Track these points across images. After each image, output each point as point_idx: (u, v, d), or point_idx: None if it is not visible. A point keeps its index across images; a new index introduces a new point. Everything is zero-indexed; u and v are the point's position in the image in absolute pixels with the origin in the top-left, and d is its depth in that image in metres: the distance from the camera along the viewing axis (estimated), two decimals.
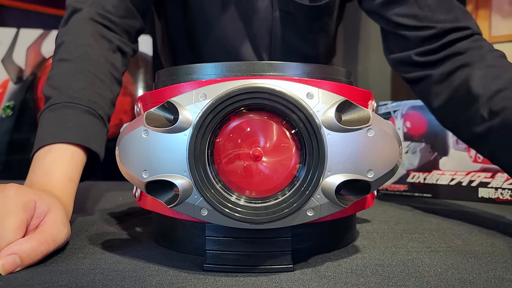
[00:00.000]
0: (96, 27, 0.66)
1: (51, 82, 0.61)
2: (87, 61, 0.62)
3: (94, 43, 0.64)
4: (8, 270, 0.39)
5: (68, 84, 0.60)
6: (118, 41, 0.67)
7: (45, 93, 0.61)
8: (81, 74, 0.61)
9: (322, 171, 0.38)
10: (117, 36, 0.68)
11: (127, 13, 0.70)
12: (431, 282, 0.37)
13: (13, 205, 0.43)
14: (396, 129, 0.44)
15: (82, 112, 0.58)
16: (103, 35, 0.66)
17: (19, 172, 1.40)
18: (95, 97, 0.60)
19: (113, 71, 0.65)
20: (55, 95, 0.59)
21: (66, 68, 0.62)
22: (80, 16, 0.66)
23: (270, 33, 0.85)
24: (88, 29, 0.65)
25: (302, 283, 0.37)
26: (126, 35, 0.70)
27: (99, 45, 0.64)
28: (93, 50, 0.63)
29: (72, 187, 0.54)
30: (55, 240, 0.43)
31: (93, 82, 0.61)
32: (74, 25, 0.66)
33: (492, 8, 2.13)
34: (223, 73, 0.42)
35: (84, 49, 0.63)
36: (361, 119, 0.39)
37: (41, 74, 1.45)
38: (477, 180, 0.80)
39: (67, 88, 0.59)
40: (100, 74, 0.62)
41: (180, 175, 0.38)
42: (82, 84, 0.60)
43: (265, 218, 0.38)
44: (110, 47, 0.66)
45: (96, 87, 0.61)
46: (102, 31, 0.66)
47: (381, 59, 0.78)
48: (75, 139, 0.56)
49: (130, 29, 0.71)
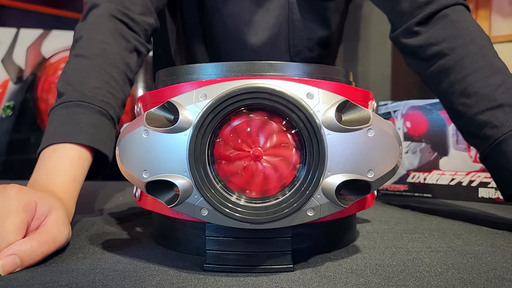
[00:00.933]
0: (115, 24, 0.65)
1: (66, 78, 0.60)
2: (104, 59, 0.62)
3: (112, 41, 0.63)
4: (8, 270, 0.39)
5: (82, 82, 0.59)
6: (135, 41, 0.67)
7: (58, 88, 0.60)
8: (96, 72, 0.60)
9: (322, 171, 0.38)
10: (135, 36, 0.67)
11: (144, 10, 0.69)
12: (431, 282, 0.37)
13: (14, 206, 0.43)
14: (396, 129, 0.44)
15: (94, 112, 0.58)
16: (122, 33, 0.65)
17: (19, 172, 1.40)
18: (108, 98, 0.60)
19: (127, 72, 0.65)
20: (69, 92, 0.59)
21: (82, 64, 0.61)
22: (99, 12, 0.65)
23: (287, 20, 0.86)
24: (107, 25, 0.64)
25: (302, 283, 0.37)
26: (143, 33, 0.69)
27: (117, 44, 0.64)
28: (111, 48, 0.63)
29: (75, 188, 0.53)
30: (55, 241, 0.43)
31: (108, 82, 0.61)
32: (93, 21, 0.65)
33: (492, 8, 2.13)
34: (223, 73, 0.42)
35: (102, 47, 0.62)
36: (361, 119, 0.39)
37: (41, 74, 1.45)
38: (477, 180, 0.80)
39: (81, 86, 0.59)
40: (115, 74, 0.62)
41: (180, 175, 0.38)
42: (96, 82, 0.60)
43: (265, 218, 0.38)
44: (127, 46, 0.66)
45: (110, 87, 0.61)
46: (121, 29, 0.65)
47: (381, 59, 0.78)
48: (85, 140, 0.55)
49: (147, 27, 0.70)
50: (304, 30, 0.87)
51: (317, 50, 0.91)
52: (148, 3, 0.70)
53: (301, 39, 0.88)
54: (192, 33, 0.93)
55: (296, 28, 0.87)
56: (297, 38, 0.88)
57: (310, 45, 0.89)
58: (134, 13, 0.68)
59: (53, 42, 1.47)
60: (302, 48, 0.89)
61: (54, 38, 1.47)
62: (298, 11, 0.86)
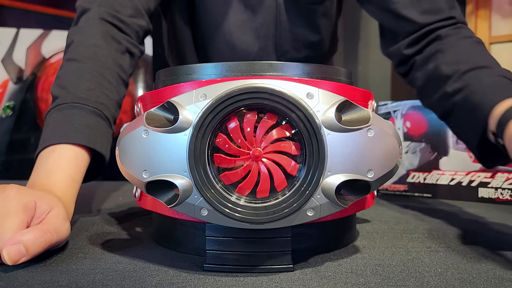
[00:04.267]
0: (106, 27, 0.66)
1: (59, 82, 0.61)
2: (96, 62, 0.62)
3: (103, 43, 0.64)
4: (14, 259, 0.39)
5: (75, 84, 0.60)
6: (127, 42, 0.68)
7: (52, 92, 0.61)
8: (89, 74, 0.61)
9: (322, 171, 0.38)
10: (126, 37, 0.68)
11: (134, 12, 0.70)
12: (431, 282, 0.37)
13: (13, 206, 0.43)
14: (396, 129, 0.44)
15: (88, 113, 0.58)
16: (113, 36, 0.66)
17: (19, 172, 1.40)
18: (102, 98, 0.60)
19: (120, 73, 0.65)
20: (63, 95, 0.59)
21: (74, 68, 0.62)
22: (90, 16, 0.66)
23: (275, 21, 0.87)
24: (97, 29, 0.65)
25: (302, 283, 0.37)
26: (135, 35, 0.70)
27: (108, 46, 0.64)
28: (102, 50, 0.63)
29: (74, 188, 0.54)
30: (57, 232, 0.43)
31: (101, 83, 0.61)
32: (84, 25, 0.66)
33: (492, 8, 2.13)
34: (223, 73, 0.42)
35: (93, 50, 0.63)
36: (361, 119, 0.39)
37: (41, 74, 1.45)
38: (477, 180, 0.80)
39: (75, 88, 0.59)
40: (108, 75, 0.62)
41: (180, 175, 0.38)
42: (89, 84, 0.60)
43: (265, 218, 0.38)
44: (119, 48, 0.66)
45: (103, 88, 0.61)
46: (112, 31, 0.66)
47: (381, 59, 0.78)
48: (80, 140, 0.56)
49: (139, 29, 0.71)
50: (291, 31, 0.88)
51: (304, 52, 0.91)
52: (139, 6, 0.71)
53: (287, 39, 0.89)
54: (181, 35, 0.93)
55: (283, 28, 0.88)
56: (284, 38, 0.89)
57: (297, 46, 0.90)
58: (124, 16, 0.68)
59: (53, 42, 1.47)
60: (288, 48, 0.90)
61: (54, 38, 1.47)
62: (285, 12, 0.87)
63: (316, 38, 0.91)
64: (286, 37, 0.89)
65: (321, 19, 0.89)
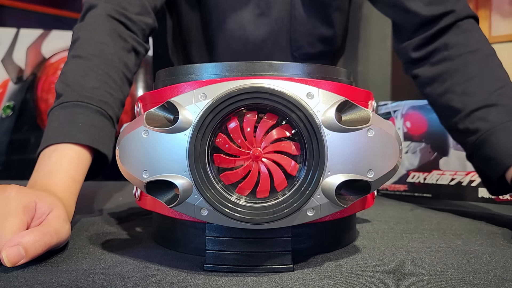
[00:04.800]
0: (112, 24, 0.65)
1: (64, 78, 0.60)
2: (101, 60, 0.62)
3: (109, 41, 0.63)
4: (13, 261, 0.39)
5: (80, 82, 0.59)
6: (133, 40, 0.67)
7: (57, 89, 0.60)
8: (94, 72, 0.60)
9: (322, 171, 0.38)
10: (133, 35, 0.67)
11: (141, 9, 0.69)
12: (431, 282, 0.37)
13: (13, 207, 0.43)
14: (396, 129, 0.44)
15: (92, 112, 0.58)
16: (119, 33, 0.65)
17: (19, 172, 1.40)
18: (107, 97, 0.60)
19: (125, 71, 0.65)
20: (67, 93, 0.59)
21: (79, 65, 0.61)
22: (96, 12, 0.65)
23: (289, 15, 0.87)
24: (104, 26, 0.64)
25: (302, 283, 0.37)
26: (141, 33, 0.70)
27: (114, 44, 0.64)
28: (108, 48, 0.63)
29: (75, 188, 0.54)
30: (57, 233, 0.43)
31: (106, 82, 0.61)
32: (90, 21, 0.65)
33: (492, 8, 2.13)
34: (223, 73, 0.42)
35: (99, 47, 0.62)
36: (361, 119, 0.39)
37: (41, 74, 1.45)
38: (477, 180, 0.80)
39: (79, 86, 0.59)
40: (113, 73, 0.62)
41: (180, 175, 0.38)
42: (94, 83, 0.60)
43: (265, 218, 0.38)
44: (125, 46, 0.65)
45: (108, 87, 0.61)
46: (118, 29, 0.66)
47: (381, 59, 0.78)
48: (84, 139, 0.55)
49: (145, 27, 0.70)
50: (305, 26, 0.88)
51: (318, 47, 0.91)
52: (145, 3, 0.70)
53: (302, 34, 0.89)
54: (188, 32, 0.93)
55: (298, 23, 0.88)
56: (298, 33, 0.89)
57: (311, 41, 0.90)
58: (131, 13, 0.68)
59: (53, 42, 1.47)
60: (303, 43, 0.90)
61: (54, 38, 1.47)
62: (301, 6, 0.87)
63: (330, 32, 0.90)
64: (300, 32, 0.88)
65: (335, 13, 0.89)
